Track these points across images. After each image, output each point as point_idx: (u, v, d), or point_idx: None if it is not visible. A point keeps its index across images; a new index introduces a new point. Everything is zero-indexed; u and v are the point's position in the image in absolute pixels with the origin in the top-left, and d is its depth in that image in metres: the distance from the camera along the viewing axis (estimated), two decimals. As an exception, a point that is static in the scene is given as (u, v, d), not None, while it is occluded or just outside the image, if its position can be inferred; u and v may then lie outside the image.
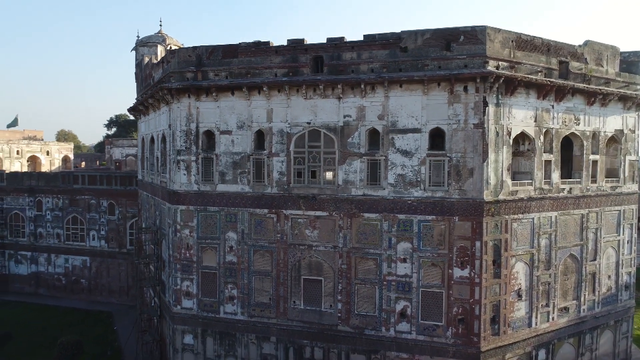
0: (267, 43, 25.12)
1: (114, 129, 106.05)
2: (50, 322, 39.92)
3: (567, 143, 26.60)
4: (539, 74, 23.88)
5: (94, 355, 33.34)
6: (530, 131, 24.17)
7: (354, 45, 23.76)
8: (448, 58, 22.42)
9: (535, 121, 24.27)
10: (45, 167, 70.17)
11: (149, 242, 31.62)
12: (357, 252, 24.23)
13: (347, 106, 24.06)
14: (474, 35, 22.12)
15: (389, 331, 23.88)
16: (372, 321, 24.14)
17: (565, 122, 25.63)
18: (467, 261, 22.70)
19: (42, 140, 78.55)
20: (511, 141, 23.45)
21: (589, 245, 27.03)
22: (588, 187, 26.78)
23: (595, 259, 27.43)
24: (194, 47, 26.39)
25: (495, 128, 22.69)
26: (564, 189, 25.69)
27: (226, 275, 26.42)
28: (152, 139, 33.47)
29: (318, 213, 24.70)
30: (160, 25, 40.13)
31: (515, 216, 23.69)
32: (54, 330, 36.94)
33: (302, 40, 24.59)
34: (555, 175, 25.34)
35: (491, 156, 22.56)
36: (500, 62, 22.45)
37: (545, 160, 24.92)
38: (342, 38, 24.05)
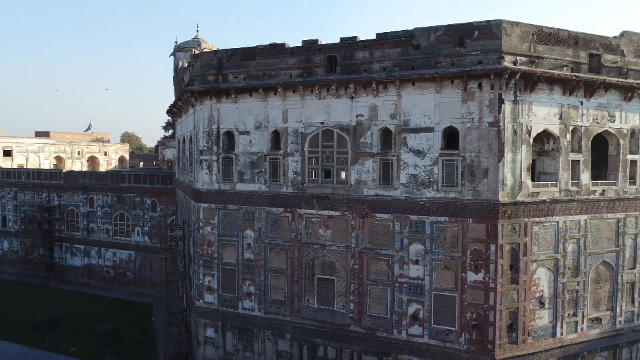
0: (283, 45, 25.53)
1: (170, 131, 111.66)
2: (96, 310, 42.80)
3: (600, 142, 24.82)
4: (565, 68, 22.49)
5: (130, 343, 35.42)
6: (555, 129, 22.81)
7: (366, 44, 23.60)
8: (462, 55, 21.69)
9: (560, 119, 22.88)
10: (103, 167, 75.29)
11: (179, 238, 33.08)
12: (369, 252, 24.04)
13: (359, 105, 23.94)
14: (489, 30, 21.24)
15: (400, 334, 23.47)
16: (384, 323, 23.84)
17: (597, 119, 23.93)
18: (482, 265, 21.83)
19: (109, 141, 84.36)
20: (531, 140, 22.25)
21: (626, 252, 25.05)
22: (625, 189, 24.83)
23: (634, 267, 25.38)
24: (215, 51, 27.37)
25: (513, 126, 21.64)
26: (595, 191, 23.98)
27: (244, 271, 27.15)
28: (184, 140, 35.03)
29: (331, 213, 24.77)
30: (197, 30, 41.86)
31: (537, 219, 22.45)
32: (98, 319, 39.53)
33: (316, 40, 24.75)
34: (585, 176, 23.73)
35: (508, 156, 21.54)
36: (518, 57, 21.40)
37: (572, 160, 23.41)
38: (355, 37, 23.96)
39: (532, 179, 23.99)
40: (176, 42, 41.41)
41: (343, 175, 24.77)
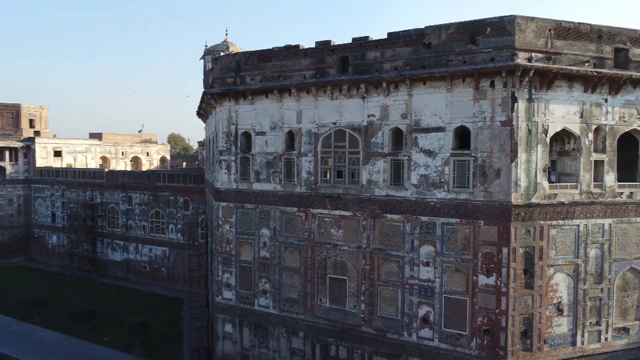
0: (297, 46, 25.87)
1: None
2: (131, 303, 44.99)
3: (629, 142, 23.43)
4: (586, 64, 21.41)
5: (159, 335, 36.99)
6: (575, 128, 21.78)
7: (377, 44, 23.49)
8: (473, 52, 21.15)
9: (581, 117, 21.81)
10: (145, 167, 78.72)
11: (203, 236, 34.18)
12: (379, 253, 23.91)
13: (370, 105, 23.87)
14: (502, 27, 20.60)
15: (411, 336, 23.18)
16: (395, 324, 23.63)
17: (623, 117, 22.61)
18: (493, 268, 21.19)
19: (156, 143, 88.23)
20: (548, 140, 21.36)
21: (658, 259, 23.47)
22: (657, 192, 23.27)
23: (668, 275, 23.73)
24: (234, 54, 28.12)
25: (527, 125, 20.86)
26: (621, 193, 22.67)
27: (260, 269, 27.71)
28: (209, 141, 36.15)
29: (343, 213, 24.83)
30: (226, 34, 43.04)
31: (554, 222, 21.51)
32: (132, 311, 41.53)
33: (329, 41, 24.90)
34: (610, 178, 22.48)
35: (522, 156, 20.79)
36: (533, 54, 20.60)
37: (595, 161, 22.26)
38: (367, 37, 23.89)
39: (554, 180, 23.07)
40: (206, 46, 42.71)
41: (354, 175, 24.76)
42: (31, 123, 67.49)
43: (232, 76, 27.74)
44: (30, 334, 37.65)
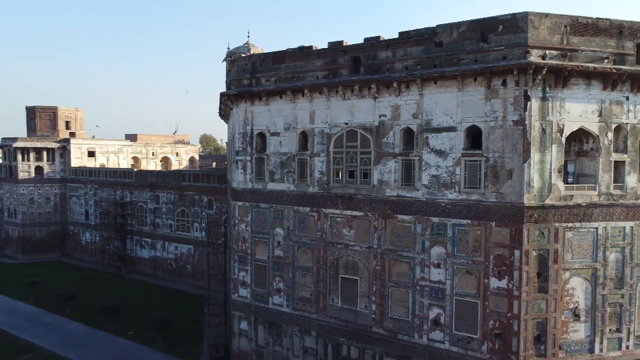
0: (310, 47, 26.05)
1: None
2: (156, 299, 46.33)
3: (653, 141, 22.38)
4: (606, 60, 20.64)
5: (180, 331, 37.95)
6: (593, 127, 21.02)
7: (389, 43, 23.38)
8: (485, 50, 20.77)
9: (599, 115, 21.03)
10: (174, 167, 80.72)
11: (223, 234, 34.88)
12: (390, 253, 23.78)
13: (382, 105, 23.78)
14: (514, 24, 20.13)
15: (421, 338, 22.95)
16: (405, 326, 23.45)
17: (647, 115, 21.65)
18: (505, 271, 20.73)
19: (189, 143, 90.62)
20: (564, 139, 20.71)
21: (685, 264, 22.33)
22: (685, 194, 22.16)
23: (697, 282, 22.55)
24: (250, 56, 28.59)
25: (541, 125, 20.30)
26: (644, 195, 21.71)
27: (274, 268, 28.05)
28: (230, 141, 36.83)
29: (354, 213, 24.84)
30: (248, 36, 43.54)
31: (570, 224, 20.84)
32: (157, 307, 42.81)
33: (341, 42, 24.96)
34: (632, 179, 21.58)
35: (535, 156, 20.26)
36: (547, 51, 20.04)
37: (615, 161, 21.42)
38: (378, 37, 23.82)
39: (572, 181, 22.34)
40: (228, 48, 43.47)
41: (366, 175, 24.72)
42: (67, 125, 70.55)
43: (248, 78, 28.21)
44: (61, 327, 39.40)
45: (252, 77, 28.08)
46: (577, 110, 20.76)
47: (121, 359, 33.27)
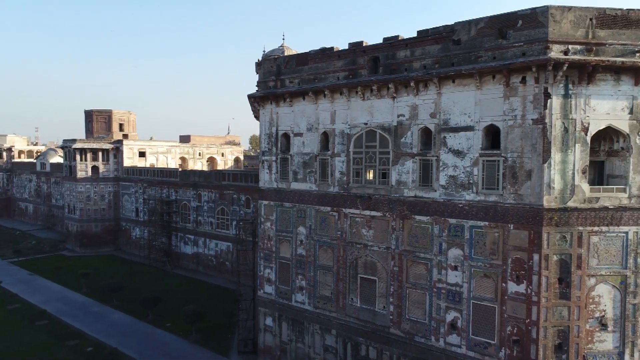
0: (332, 48, 26.31)
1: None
2: (196, 294, 48.27)
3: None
4: (637, 54, 19.38)
5: (214, 324, 39.36)
6: (623, 125, 19.78)
7: (407, 42, 23.19)
8: (503, 47, 20.12)
9: (630, 113, 19.76)
10: (219, 167, 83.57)
11: (251, 232, 35.88)
12: (408, 254, 23.56)
13: (400, 105, 23.62)
14: (534, 18, 19.37)
15: (438, 341, 22.58)
16: (422, 328, 23.15)
17: (686, 112, 20.06)
18: (524, 275, 19.98)
19: (239, 144, 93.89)
20: (589, 138, 19.64)
21: None
22: None
23: None
24: (275, 58, 29.27)
25: (563, 123, 19.39)
26: (683, 198, 20.13)
27: (297, 266, 28.55)
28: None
29: (373, 213, 24.82)
30: (283, 39, 44.54)
31: (597, 228, 19.74)
32: (195, 301, 44.61)
33: (361, 42, 25.02)
34: (668, 181, 20.08)
35: (556, 156, 19.38)
36: (570, 46, 19.12)
37: (649, 162, 20.03)
38: (397, 36, 23.68)
39: (600, 183, 21.16)
40: (264, 51, 44.61)
41: (384, 176, 24.62)
42: (121, 127, 74.97)
43: (273, 80, 28.91)
44: (107, 316, 42.07)
45: (277, 79, 28.75)
46: (605, 107, 19.63)
47: (157, 348, 35.06)
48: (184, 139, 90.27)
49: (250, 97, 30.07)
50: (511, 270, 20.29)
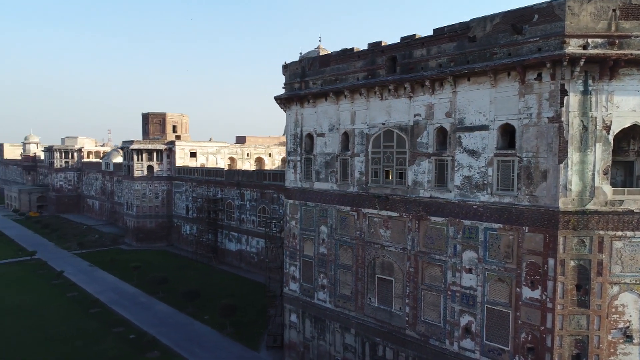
0: (352, 49, 26.49)
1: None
2: (236, 289, 50.08)
3: None
4: (668, 46, 17.95)
5: (249, 319, 40.75)
6: (651, 123, 18.40)
7: (424, 41, 22.91)
8: (519, 43, 19.39)
9: (660, 110, 18.33)
10: (267, 166, 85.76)
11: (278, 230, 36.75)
12: (423, 256, 23.26)
13: (416, 105, 23.38)
14: (551, 12, 18.52)
15: (452, 345, 22.11)
16: (437, 331, 22.76)
17: None
18: (539, 281, 19.13)
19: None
20: (611, 137, 18.45)
21: None
22: None
23: None
24: (300, 60, 29.90)
25: (582, 121, 18.37)
26: None
27: (319, 265, 28.99)
28: (293, 142, 38.60)
29: (390, 213, 24.73)
30: (319, 40, 45.03)
31: (620, 233, 18.51)
32: (233, 295, 46.36)
33: (380, 42, 25.00)
34: None
35: (574, 156, 18.40)
36: (589, 40, 18.10)
37: (683, 162, 18.49)
38: (414, 35, 23.45)
39: (630, 185, 19.82)
40: (301, 53, 45.45)
41: (401, 176, 24.44)
42: (174, 129, 79.13)
43: (298, 81, 29.56)
44: (152, 307, 44.78)
45: (302, 80, 29.36)
46: (630, 104, 18.36)
47: (192, 339, 36.88)
48: (240, 140, 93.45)
49: (276, 98, 30.91)
50: (526, 274, 19.50)
